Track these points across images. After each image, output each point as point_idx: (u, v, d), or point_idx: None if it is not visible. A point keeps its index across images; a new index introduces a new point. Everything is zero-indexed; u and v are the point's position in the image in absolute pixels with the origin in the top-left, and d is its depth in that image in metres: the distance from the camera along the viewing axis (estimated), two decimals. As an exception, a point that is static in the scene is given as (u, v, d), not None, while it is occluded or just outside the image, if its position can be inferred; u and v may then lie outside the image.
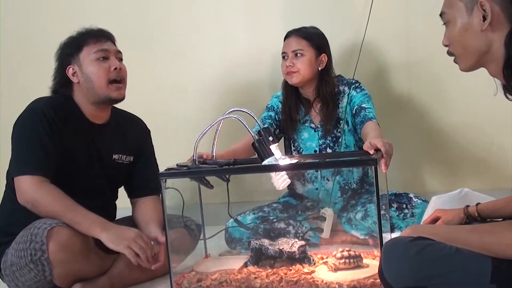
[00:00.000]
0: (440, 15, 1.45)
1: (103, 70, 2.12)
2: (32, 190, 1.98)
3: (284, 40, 2.58)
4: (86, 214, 1.98)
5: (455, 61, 1.45)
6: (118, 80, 2.15)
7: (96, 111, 2.19)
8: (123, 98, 2.19)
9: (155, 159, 2.37)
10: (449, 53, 1.45)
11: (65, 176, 2.07)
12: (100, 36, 2.16)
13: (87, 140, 2.17)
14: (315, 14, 2.91)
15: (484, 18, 1.34)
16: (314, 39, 2.55)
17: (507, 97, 1.39)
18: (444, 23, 1.44)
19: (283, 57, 2.57)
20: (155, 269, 2.00)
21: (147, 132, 2.39)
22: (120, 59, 2.19)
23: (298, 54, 2.52)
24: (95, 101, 2.15)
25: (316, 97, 2.59)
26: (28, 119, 2.07)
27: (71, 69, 2.14)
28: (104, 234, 1.96)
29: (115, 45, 2.20)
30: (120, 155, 2.26)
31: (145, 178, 2.29)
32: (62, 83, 2.17)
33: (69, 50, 2.16)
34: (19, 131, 2.08)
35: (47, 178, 2.01)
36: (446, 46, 1.45)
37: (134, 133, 2.32)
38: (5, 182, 2.14)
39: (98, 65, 2.13)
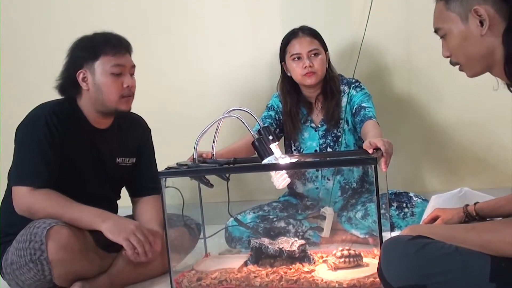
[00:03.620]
0: (435, 31, 1.46)
1: (116, 86, 2.09)
2: (26, 198, 1.99)
3: (291, 41, 2.53)
4: (83, 209, 1.99)
5: (460, 69, 1.45)
6: (127, 95, 2.13)
7: (100, 118, 2.17)
8: (129, 110, 2.18)
9: (155, 158, 2.37)
10: (452, 63, 1.46)
11: (68, 183, 2.07)
12: (119, 47, 2.11)
13: (90, 146, 2.16)
14: (315, 14, 2.91)
15: (482, 23, 1.34)
16: (321, 38, 2.55)
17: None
18: (441, 37, 1.45)
19: (295, 58, 2.51)
20: (149, 256, 1.99)
21: (148, 131, 2.38)
22: (132, 74, 2.16)
23: (315, 54, 2.50)
24: (101, 110, 2.13)
25: (319, 95, 2.58)
26: (30, 126, 2.05)
27: (82, 73, 2.09)
28: (105, 224, 1.96)
29: (130, 56, 2.16)
30: (123, 158, 2.26)
31: (146, 178, 2.28)
32: (70, 83, 2.12)
33: (84, 54, 2.10)
34: (20, 138, 2.07)
35: (45, 188, 2.00)
36: (447, 57, 1.45)
37: (136, 134, 2.31)
38: (6, 182, 2.13)
39: (112, 79, 2.08)
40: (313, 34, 2.54)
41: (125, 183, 2.33)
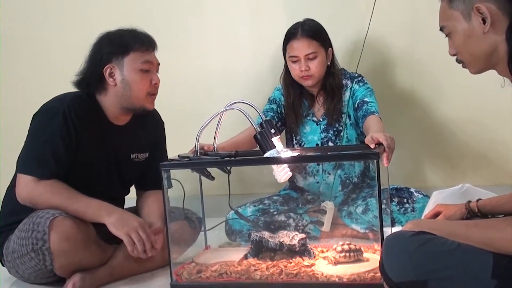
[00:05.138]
0: (441, 29, 1.46)
1: (145, 82, 2.09)
2: (29, 187, 1.98)
3: (290, 41, 2.49)
4: (88, 202, 1.98)
5: (463, 66, 1.46)
6: (153, 93, 2.13)
7: (121, 115, 2.16)
8: (153, 109, 2.18)
9: (166, 152, 2.35)
10: (458, 61, 1.46)
11: (79, 178, 2.05)
12: (148, 44, 2.11)
13: (106, 143, 2.14)
14: (319, 8, 2.89)
15: (484, 21, 1.34)
16: (322, 36, 2.51)
17: None
18: (446, 35, 1.45)
19: (293, 61, 2.49)
20: (149, 255, 1.99)
21: (162, 125, 2.37)
22: (157, 71, 2.16)
23: (312, 57, 2.47)
24: (126, 107, 2.12)
25: (320, 90, 2.57)
26: (47, 118, 2.03)
27: (109, 69, 2.07)
28: (110, 218, 1.96)
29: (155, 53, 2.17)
30: (137, 154, 2.25)
31: (154, 173, 2.27)
32: (95, 78, 2.09)
33: (114, 49, 2.08)
34: (34, 127, 2.06)
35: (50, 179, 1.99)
36: (453, 55, 1.46)
37: (150, 128, 2.30)
38: (9, 169, 2.13)
39: (141, 75, 2.08)
40: (313, 34, 2.48)
41: (136, 178, 2.32)
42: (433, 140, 2.90)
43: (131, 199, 2.33)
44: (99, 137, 2.12)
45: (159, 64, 2.17)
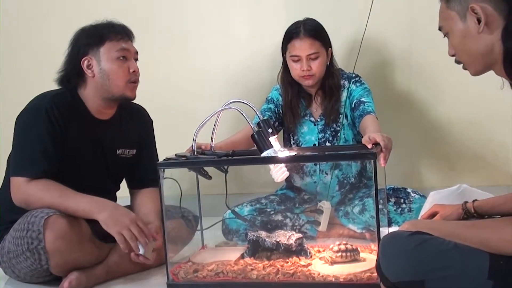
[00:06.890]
0: (439, 29, 1.47)
1: (123, 70, 2.09)
2: (23, 189, 1.98)
3: (292, 40, 2.48)
4: (80, 199, 1.97)
5: (464, 68, 1.46)
6: (133, 81, 2.13)
7: (104, 108, 2.16)
8: (135, 98, 2.17)
9: (156, 150, 2.36)
10: (457, 62, 1.47)
11: (67, 174, 2.05)
12: (123, 33, 2.12)
13: (91, 138, 2.14)
14: (317, 7, 2.89)
15: (479, 21, 1.35)
16: (323, 36, 2.50)
17: None
18: (445, 35, 1.46)
19: (294, 60, 2.48)
20: (143, 260, 1.98)
21: (150, 122, 2.36)
22: (136, 60, 2.17)
23: (314, 57, 2.46)
24: (107, 97, 2.12)
25: (319, 90, 2.57)
26: (31, 117, 2.03)
27: (86, 60, 2.09)
28: (101, 215, 1.94)
29: (133, 43, 2.17)
30: (123, 150, 2.24)
31: (145, 170, 2.27)
32: (75, 72, 2.11)
33: (89, 41, 2.09)
34: (20, 128, 2.06)
35: (42, 179, 1.99)
36: (452, 55, 1.46)
37: (137, 125, 2.30)
38: (5, 168, 2.13)
39: (118, 64, 2.09)
40: (315, 34, 2.47)
41: (124, 174, 2.32)
42: (430, 141, 2.90)
43: (126, 198, 2.32)
44: (83, 132, 2.12)
45: (137, 52, 2.17)
